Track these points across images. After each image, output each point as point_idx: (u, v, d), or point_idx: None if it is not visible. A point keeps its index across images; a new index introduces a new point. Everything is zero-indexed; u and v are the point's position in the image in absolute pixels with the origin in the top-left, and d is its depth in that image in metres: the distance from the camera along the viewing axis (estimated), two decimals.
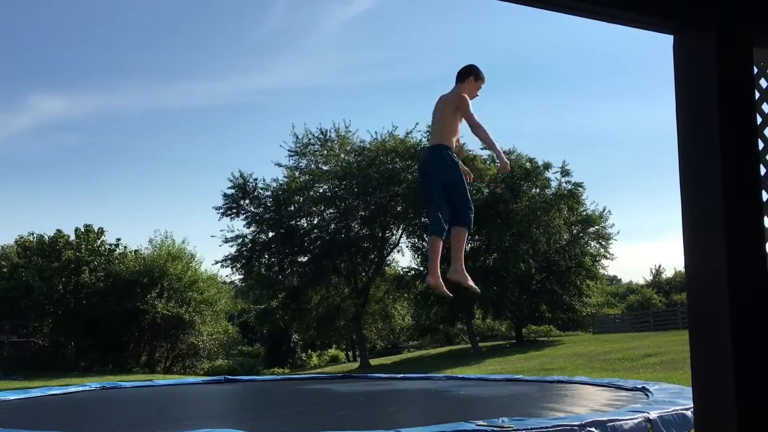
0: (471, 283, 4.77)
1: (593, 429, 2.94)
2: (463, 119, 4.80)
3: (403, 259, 50.24)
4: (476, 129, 4.72)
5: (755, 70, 1.43)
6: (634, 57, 68.94)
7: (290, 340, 40.37)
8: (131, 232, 79.53)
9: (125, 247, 33.25)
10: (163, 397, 6.36)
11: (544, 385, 6.47)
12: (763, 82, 1.51)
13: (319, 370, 31.99)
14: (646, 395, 4.42)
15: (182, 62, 54.64)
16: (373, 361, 29.97)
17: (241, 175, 28.94)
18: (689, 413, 3.39)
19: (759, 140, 1.44)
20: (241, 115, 60.62)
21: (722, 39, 1.35)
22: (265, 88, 57.34)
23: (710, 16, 1.36)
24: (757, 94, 1.45)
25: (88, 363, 29.85)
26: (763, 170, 1.46)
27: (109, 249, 32.45)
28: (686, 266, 1.40)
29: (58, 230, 31.52)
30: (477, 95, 4.89)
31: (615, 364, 15.98)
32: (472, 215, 4.79)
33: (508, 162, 4.86)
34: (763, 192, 1.44)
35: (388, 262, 31.35)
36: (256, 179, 29.11)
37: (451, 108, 4.78)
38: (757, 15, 1.42)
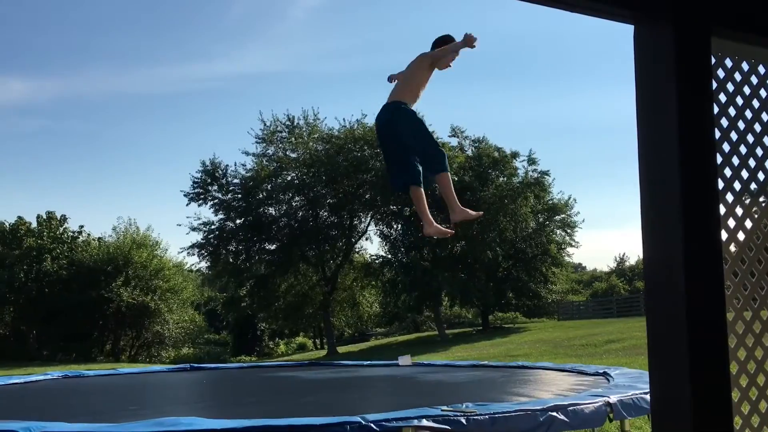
0: (472, 212, 4.79)
1: (555, 413, 2.99)
2: (426, 86, 4.79)
3: (372, 246, 50.42)
4: (446, 53, 4.71)
5: (713, 60, 1.46)
6: (600, 47, 69.65)
7: (257, 328, 40.23)
8: (94, 220, 78.29)
9: (89, 234, 32.75)
10: (126, 385, 6.30)
11: (508, 370, 6.56)
12: (720, 72, 1.54)
13: (286, 358, 31.95)
14: (607, 380, 4.50)
15: (147, 47, 53.76)
16: (341, 349, 30.01)
17: (212, 162, 28.69)
18: (648, 397, 3.46)
19: (716, 129, 1.47)
20: (207, 101, 59.92)
21: (680, 29, 1.37)
22: (232, 75, 56.70)
23: (669, 6, 1.38)
24: (715, 84, 1.48)
25: (51, 352, 29.38)
26: (719, 159, 1.49)
27: (71, 236, 31.91)
28: (644, 252, 1.43)
29: (19, 217, 30.89)
30: (450, 66, 4.87)
31: (579, 350, 16.23)
32: (446, 157, 4.77)
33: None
34: (720, 181, 1.47)
35: (357, 249, 31.38)
36: (227, 166, 28.92)
37: (426, 64, 4.75)
38: (715, 5, 1.44)
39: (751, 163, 1.54)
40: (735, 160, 1.52)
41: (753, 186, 1.54)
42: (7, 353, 26.89)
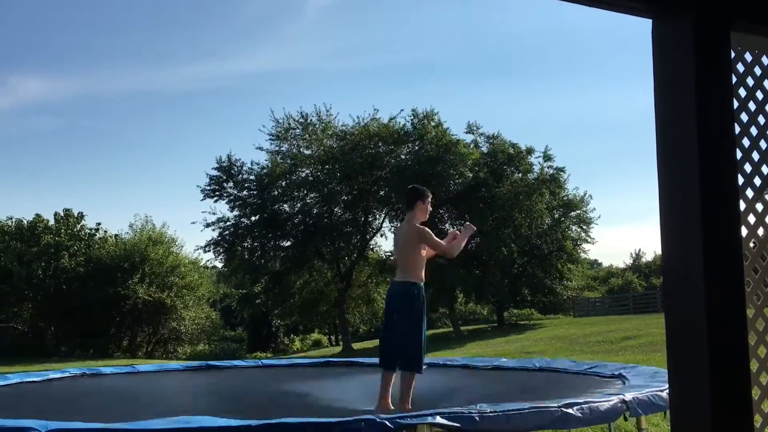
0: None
1: (570, 411, 2.97)
2: (427, 248, 5.02)
3: (386, 243, 50.45)
4: (450, 251, 5.04)
5: (732, 54, 1.44)
6: (617, 42, 69.12)
7: (272, 325, 40.36)
8: (111, 217, 78.76)
9: (105, 231, 32.98)
10: (144, 382, 6.35)
11: (524, 367, 6.53)
12: (740, 67, 1.52)
13: (302, 354, 32.05)
14: (623, 377, 4.48)
15: (162, 46, 54.03)
16: (356, 345, 30.05)
17: (228, 159, 28.80)
18: (665, 394, 3.43)
19: (736, 125, 1.45)
20: (221, 99, 60.08)
21: (700, 23, 1.35)
22: (245, 73, 56.86)
23: (688, 0, 1.36)
24: (734, 79, 1.46)
25: (69, 348, 29.65)
26: (739, 154, 1.47)
27: (89, 234, 32.15)
28: (663, 249, 1.41)
29: (37, 215, 31.16)
30: (430, 210, 5.17)
31: (595, 347, 16.15)
32: (422, 361, 4.88)
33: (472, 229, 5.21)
34: (740, 177, 1.45)
35: (371, 246, 31.40)
36: (242, 163, 29.01)
37: (414, 242, 4.96)
38: (734, 0, 1.42)
39: None
40: (755, 156, 1.50)
41: None
42: (25, 349, 27.16)
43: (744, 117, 1.50)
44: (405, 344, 4.81)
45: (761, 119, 1.52)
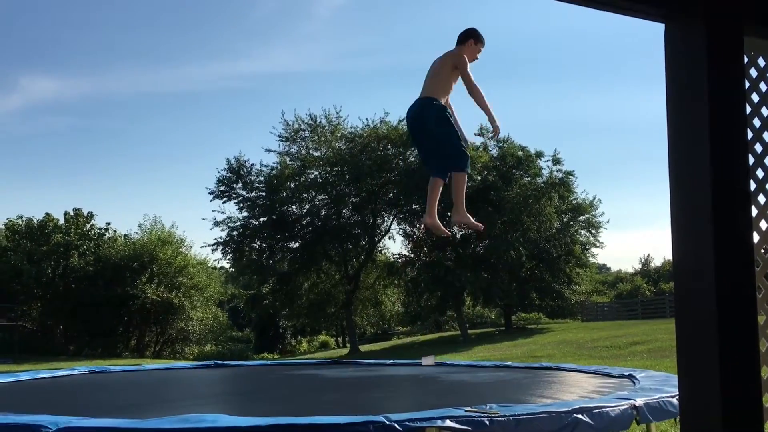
0: (474, 221, 4.84)
1: (580, 416, 2.96)
2: (458, 80, 4.76)
3: (394, 245, 50.47)
4: (473, 90, 4.69)
5: (745, 59, 1.43)
6: (626, 46, 68.99)
7: (279, 326, 40.42)
8: (121, 217, 79.26)
9: (115, 231, 33.13)
10: (152, 381, 6.37)
11: (531, 371, 6.52)
12: (753, 72, 1.51)
13: (309, 356, 32.08)
14: (633, 383, 4.46)
15: (173, 46, 54.28)
16: (363, 347, 30.05)
17: (237, 160, 28.89)
18: (675, 400, 3.42)
19: (748, 129, 1.44)
20: (232, 100, 60.38)
21: (713, 27, 1.35)
22: (256, 74, 57.06)
23: (701, 4, 1.36)
24: (747, 84, 1.45)
25: (77, 347, 29.78)
26: (752, 160, 1.46)
27: (98, 233, 32.30)
28: (674, 254, 1.41)
29: (47, 214, 31.33)
30: (477, 58, 4.86)
31: (603, 352, 16.09)
32: (467, 158, 4.79)
33: (500, 126, 4.85)
34: (752, 182, 1.45)
35: (379, 248, 31.39)
36: (252, 164, 29.08)
37: (449, 66, 4.73)
38: (748, 3, 1.42)
39: None
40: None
41: None
42: (34, 348, 27.30)
43: (757, 122, 1.50)
44: (444, 143, 4.69)
45: None
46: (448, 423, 2.62)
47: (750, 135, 1.45)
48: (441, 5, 59.90)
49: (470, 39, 4.80)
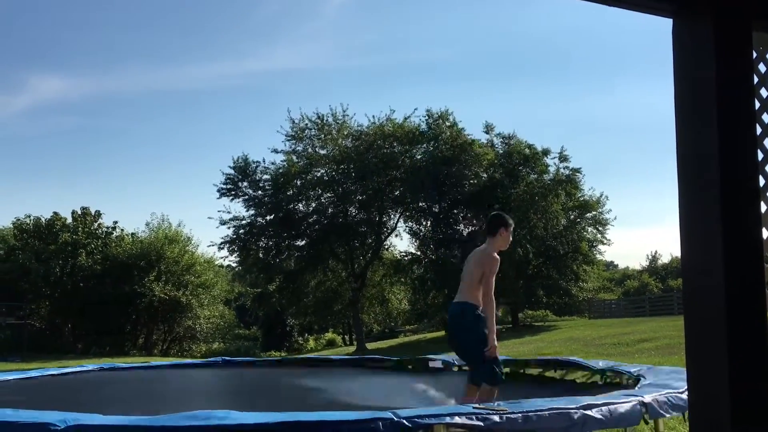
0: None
1: (588, 412, 2.96)
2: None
3: (401, 243, 50.70)
4: (486, 295, 4.92)
5: (754, 54, 1.43)
6: (634, 42, 68.69)
7: (286, 324, 40.50)
8: (128, 216, 79.49)
9: (122, 230, 33.24)
10: (160, 378, 6.39)
11: (538, 367, 6.51)
12: (762, 67, 1.51)
13: (315, 354, 32.10)
14: (642, 379, 4.45)
15: (178, 45, 54.40)
16: (370, 345, 30.07)
17: (243, 159, 28.93)
18: (684, 396, 3.41)
19: (757, 125, 1.44)
20: (238, 98, 60.45)
21: (721, 23, 1.35)
22: (262, 72, 57.13)
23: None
24: (756, 79, 1.45)
25: (86, 345, 29.92)
26: (761, 156, 1.46)
27: (106, 232, 32.42)
28: (682, 251, 1.41)
29: (55, 213, 31.46)
30: (510, 241, 5.18)
31: (610, 349, 16.05)
32: (495, 373, 4.85)
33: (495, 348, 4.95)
34: (761, 178, 1.45)
35: (386, 246, 31.40)
36: (257, 162, 29.11)
37: (480, 266, 5.00)
38: None
39: None
40: None
41: None
42: (43, 346, 27.44)
43: (766, 118, 1.49)
44: (473, 361, 4.91)
45: None
46: (457, 420, 2.62)
47: (759, 131, 1.44)
48: (447, 3, 59.81)
49: (500, 228, 5.09)
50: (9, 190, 53.22)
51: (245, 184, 28.98)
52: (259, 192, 29.04)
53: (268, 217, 29.13)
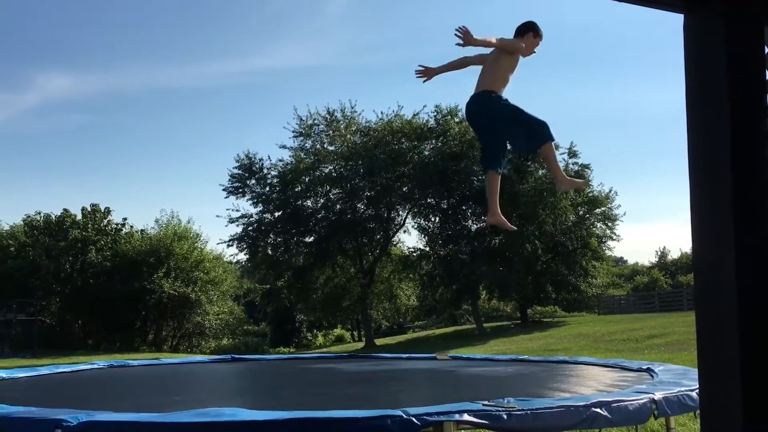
0: (580, 181, 4.97)
1: (598, 409, 2.95)
2: (515, 69, 4.65)
3: (409, 239, 50.69)
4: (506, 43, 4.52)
5: (766, 49, 1.42)
6: (643, 38, 68.39)
7: (295, 320, 40.58)
8: (137, 212, 79.94)
9: (131, 226, 33.40)
10: (170, 375, 6.42)
11: (548, 365, 6.50)
12: None
13: (324, 350, 32.18)
14: (651, 376, 4.44)
15: (187, 42, 54.52)
16: (379, 341, 30.11)
17: (248, 156, 28.96)
18: (695, 394, 3.40)
19: None
20: (245, 95, 60.57)
21: (732, 18, 1.34)
22: (270, 69, 57.19)
23: None
24: None
25: (96, 341, 30.09)
26: None
27: (115, 228, 32.57)
28: (693, 246, 1.40)
29: (65, 210, 31.64)
30: (534, 52, 4.69)
31: (619, 345, 16.01)
32: (548, 126, 4.62)
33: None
34: None
35: (394, 242, 31.40)
36: (261, 159, 29.15)
37: (502, 53, 4.55)
38: None
39: None
40: None
41: None
42: (53, 342, 27.61)
43: None
44: (521, 126, 4.58)
45: None
46: (466, 417, 2.62)
47: None
48: None
49: (530, 32, 4.61)
50: (19, 187, 53.57)
51: (252, 181, 29.03)
52: (267, 189, 29.09)
53: (276, 214, 29.18)
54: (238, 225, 29.18)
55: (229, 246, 29.77)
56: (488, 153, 4.71)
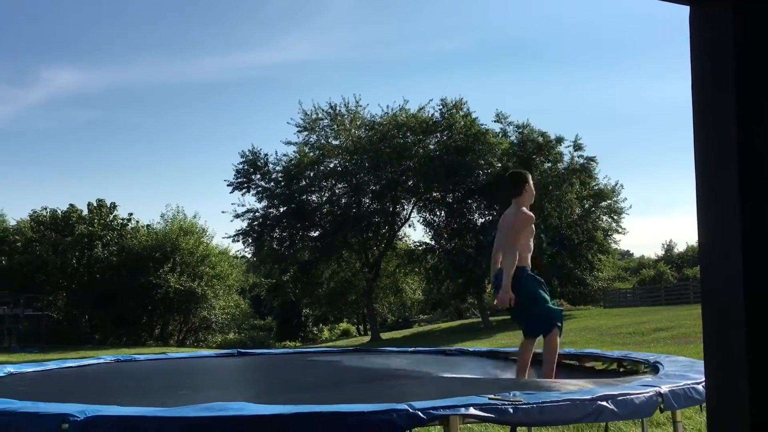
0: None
1: (604, 403, 2.95)
2: (524, 235, 5.01)
3: (415, 233, 50.67)
4: (509, 248, 4.91)
5: None
6: (649, 31, 68.10)
7: (301, 314, 40.69)
8: (143, 207, 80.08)
9: (137, 221, 33.52)
10: (177, 369, 6.44)
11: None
12: None
13: (330, 344, 32.27)
14: (658, 369, 4.43)
15: (193, 37, 54.53)
16: (384, 335, 30.16)
17: (252, 151, 28.99)
18: (701, 387, 3.39)
19: None
20: (251, 90, 60.57)
21: (740, 11, 1.33)
22: (275, 64, 57.20)
23: None
24: None
25: (102, 336, 30.22)
26: None
27: (121, 223, 32.68)
28: (699, 239, 1.39)
29: (71, 205, 31.74)
30: (534, 194, 5.15)
31: (625, 338, 16.00)
32: (555, 321, 4.95)
33: (507, 297, 4.94)
34: None
35: (399, 236, 31.42)
36: (266, 155, 29.18)
37: (516, 229, 4.96)
38: None
39: None
40: None
41: None
42: (60, 336, 27.76)
43: None
44: (532, 317, 4.96)
45: None
46: (472, 411, 2.62)
47: None
48: None
49: (524, 184, 5.02)
50: (26, 182, 53.76)
51: (257, 176, 29.06)
52: (272, 184, 29.12)
53: (281, 209, 29.22)
54: (243, 220, 29.27)
55: (234, 241, 29.88)
56: (519, 317, 5.27)
